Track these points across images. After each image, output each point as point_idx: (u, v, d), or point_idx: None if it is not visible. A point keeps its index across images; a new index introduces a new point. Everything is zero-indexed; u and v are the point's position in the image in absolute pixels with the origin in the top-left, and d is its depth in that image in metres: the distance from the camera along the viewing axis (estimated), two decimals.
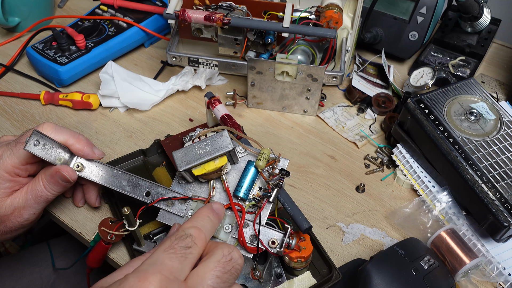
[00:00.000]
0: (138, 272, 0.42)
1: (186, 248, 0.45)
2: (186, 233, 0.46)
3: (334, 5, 0.81)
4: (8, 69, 0.93)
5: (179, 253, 0.44)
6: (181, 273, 0.44)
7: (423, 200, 0.72)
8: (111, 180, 0.63)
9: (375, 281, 0.57)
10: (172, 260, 0.44)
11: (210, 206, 0.52)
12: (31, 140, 0.58)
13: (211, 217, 0.51)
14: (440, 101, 0.73)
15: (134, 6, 0.96)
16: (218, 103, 0.72)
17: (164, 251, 0.44)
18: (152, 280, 0.41)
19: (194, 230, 0.47)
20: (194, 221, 0.49)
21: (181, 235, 0.46)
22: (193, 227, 0.47)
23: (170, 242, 0.45)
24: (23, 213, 0.62)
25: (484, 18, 0.91)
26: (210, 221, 0.50)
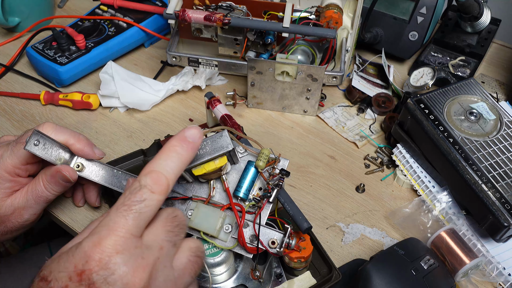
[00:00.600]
0: (92, 236, 0.41)
1: (139, 202, 0.42)
2: (141, 183, 0.43)
3: (334, 5, 0.81)
4: (8, 69, 0.93)
5: (132, 208, 0.42)
6: (136, 229, 0.42)
7: (423, 200, 0.72)
8: (111, 180, 0.63)
9: (375, 281, 0.57)
10: (125, 218, 0.42)
11: (182, 133, 0.46)
12: (31, 140, 0.58)
13: (178, 150, 0.46)
14: (440, 101, 0.73)
15: (134, 6, 0.96)
16: (218, 103, 0.72)
17: (117, 209, 0.42)
18: (106, 243, 0.40)
19: (150, 177, 0.44)
20: (154, 162, 0.45)
21: (135, 188, 0.43)
22: (149, 173, 0.44)
23: (123, 198, 0.43)
24: (23, 214, 0.62)
25: (484, 18, 0.91)
26: (176, 156, 0.45)
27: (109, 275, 0.40)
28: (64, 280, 0.40)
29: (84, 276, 0.40)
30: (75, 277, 0.40)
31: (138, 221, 0.42)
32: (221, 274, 0.58)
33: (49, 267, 0.42)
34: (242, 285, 0.60)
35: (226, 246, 0.57)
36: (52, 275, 0.41)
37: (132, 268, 0.41)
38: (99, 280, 0.40)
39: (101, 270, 0.40)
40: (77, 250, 0.41)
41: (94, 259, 0.40)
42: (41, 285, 0.41)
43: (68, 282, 0.40)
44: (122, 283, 0.40)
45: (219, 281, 0.58)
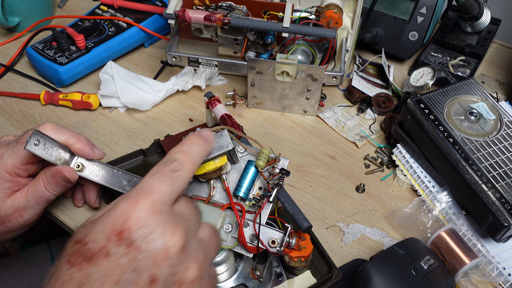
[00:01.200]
0: (129, 197, 0.42)
1: (173, 171, 0.44)
2: (172, 158, 0.46)
3: (334, 5, 0.81)
4: (8, 69, 0.93)
5: (167, 176, 0.44)
6: (171, 197, 0.43)
7: (423, 200, 0.72)
8: (112, 180, 0.63)
9: (375, 281, 0.57)
10: (160, 183, 0.43)
11: (198, 132, 0.51)
12: (31, 139, 0.58)
13: (199, 142, 0.50)
14: (440, 101, 0.73)
15: (134, 6, 0.96)
16: (217, 103, 0.72)
17: (152, 176, 0.44)
18: (143, 204, 0.41)
19: (180, 154, 0.46)
20: (181, 145, 0.48)
21: (167, 160, 0.45)
22: (179, 152, 0.47)
23: (157, 167, 0.45)
24: (23, 214, 0.62)
25: (484, 18, 0.91)
26: (198, 145, 0.49)
27: (148, 233, 0.40)
28: (102, 241, 0.40)
29: (123, 235, 0.40)
30: (114, 236, 0.40)
31: (172, 189, 0.44)
32: (221, 274, 0.58)
33: (83, 231, 0.42)
34: (243, 284, 0.60)
35: (226, 245, 0.57)
36: (88, 237, 0.41)
37: (170, 228, 0.41)
38: (139, 238, 0.40)
39: (140, 229, 0.40)
40: (113, 212, 0.41)
41: (132, 218, 0.40)
42: (76, 248, 0.41)
43: (106, 242, 0.40)
44: (162, 242, 0.41)
45: (219, 280, 0.58)
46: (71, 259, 0.40)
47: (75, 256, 0.40)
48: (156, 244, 0.40)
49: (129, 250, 0.40)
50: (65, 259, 0.40)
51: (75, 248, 0.41)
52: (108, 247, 0.40)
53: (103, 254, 0.39)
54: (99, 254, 0.39)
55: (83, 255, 0.40)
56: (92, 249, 0.40)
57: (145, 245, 0.40)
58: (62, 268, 0.40)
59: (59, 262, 0.41)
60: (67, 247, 0.42)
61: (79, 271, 0.39)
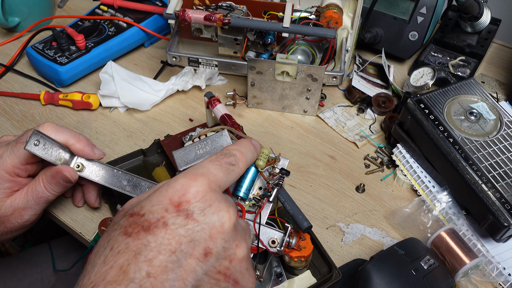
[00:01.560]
0: (187, 173, 0.44)
1: (230, 164, 0.47)
2: (231, 152, 0.49)
3: (334, 5, 0.81)
4: (8, 69, 0.93)
5: (224, 166, 0.46)
6: (223, 184, 0.46)
7: (423, 200, 0.72)
8: (112, 180, 0.63)
9: (375, 281, 0.57)
10: (217, 170, 0.46)
11: (250, 140, 0.54)
12: (31, 140, 0.58)
13: (252, 148, 0.53)
14: (440, 101, 0.73)
15: (134, 6, 0.96)
16: (217, 103, 0.72)
17: (211, 161, 0.46)
18: (201, 180, 0.43)
19: (238, 152, 0.49)
20: (238, 145, 0.51)
21: (226, 153, 0.48)
22: (237, 150, 0.50)
23: (216, 156, 0.48)
24: (23, 214, 0.62)
25: (484, 18, 0.91)
26: (251, 151, 0.52)
27: (206, 207, 0.42)
28: (160, 212, 0.41)
29: (182, 207, 0.41)
30: (172, 208, 0.41)
31: (226, 178, 0.46)
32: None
33: (138, 204, 0.42)
34: None
35: None
36: (145, 209, 0.41)
37: (225, 205, 0.43)
38: (197, 211, 0.41)
39: (199, 202, 0.42)
40: (171, 186, 0.42)
41: (190, 191, 0.42)
42: (132, 219, 0.41)
43: (164, 213, 0.41)
44: (218, 216, 0.42)
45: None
46: (127, 230, 0.40)
47: (132, 226, 0.40)
48: (213, 218, 0.42)
49: (187, 221, 0.41)
50: (120, 230, 0.41)
51: (131, 220, 0.41)
52: (166, 217, 0.40)
53: (160, 224, 0.40)
54: (156, 224, 0.40)
55: (140, 225, 0.40)
56: (150, 219, 0.40)
57: (202, 218, 0.41)
58: (117, 239, 0.40)
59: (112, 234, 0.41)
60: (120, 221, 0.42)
61: (135, 240, 0.39)
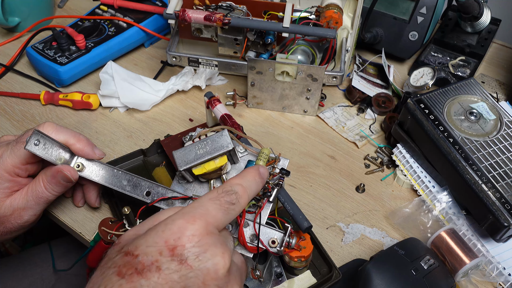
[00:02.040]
0: (185, 214, 0.43)
1: (230, 203, 0.46)
2: (232, 189, 0.48)
3: (334, 5, 0.81)
4: (8, 69, 0.93)
5: (224, 206, 0.46)
6: (221, 225, 0.45)
7: (423, 200, 0.72)
8: (112, 180, 0.63)
9: (375, 281, 0.57)
10: (216, 210, 0.45)
11: (258, 168, 0.53)
12: (31, 139, 0.58)
13: (257, 180, 0.51)
14: (440, 101, 0.73)
15: (134, 6, 0.96)
16: (217, 103, 0.72)
17: (210, 199, 0.46)
18: (198, 223, 0.42)
19: (240, 188, 0.48)
20: (242, 179, 0.50)
21: (228, 190, 0.47)
22: (240, 185, 0.48)
23: (217, 193, 0.47)
24: (23, 215, 0.62)
25: (484, 18, 0.91)
26: (256, 183, 0.51)
27: (201, 252, 0.41)
28: (154, 255, 0.40)
29: (176, 251, 0.41)
30: (167, 251, 0.41)
31: (225, 218, 0.46)
32: None
33: (133, 243, 0.42)
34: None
35: None
36: (139, 250, 0.41)
37: (221, 250, 0.43)
38: (191, 256, 0.41)
39: (194, 247, 0.41)
40: (168, 226, 0.42)
41: (186, 235, 0.41)
42: (127, 259, 0.41)
43: (158, 256, 0.40)
44: (213, 263, 0.42)
45: None
46: (121, 270, 0.40)
47: (126, 267, 0.40)
48: (207, 264, 0.41)
49: (181, 267, 0.40)
50: (114, 269, 0.40)
51: (125, 260, 0.41)
52: (160, 261, 0.40)
53: (154, 268, 0.40)
54: (150, 267, 0.40)
55: (133, 267, 0.40)
56: (143, 262, 0.40)
57: (196, 264, 0.41)
58: (111, 278, 0.40)
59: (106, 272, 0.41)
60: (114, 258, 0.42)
61: (129, 282, 0.39)
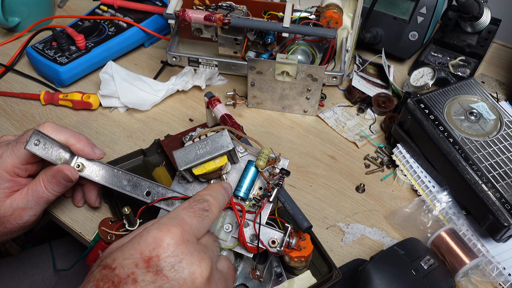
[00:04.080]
0: (160, 225, 0.43)
1: (204, 210, 0.47)
2: (203, 198, 0.49)
3: (334, 5, 0.81)
4: (8, 69, 0.93)
5: (198, 213, 0.46)
6: (198, 231, 0.46)
7: (423, 200, 0.72)
8: (112, 179, 0.63)
9: (375, 281, 0.57)
10: (191, 217, 0.46)
11: (221, 183, 0.54)
12: (31, 139, 0.58)
13: (223, 192, 0.53)
14: (440, 101, 0.73)
15: (134, 6, 0.96)
16: (217, 103, 0.72)
17: (184, 209, 0.46)
18: (174, 232, 0.42)
19: (210, 197, 0.49)
20: (209, 190, 0.51)
21: (199, 199, 0.48)
22: (209, 195, 0.50)
23: (189, 203, 0.48)
24: (23, 215, 0.61)
25: (484, 18, 0.91)
26: (222, 194, 0.52)
27: (176, 262, 0.41)
28: (130, 267, 0.41)
29: (152, 262, 0.41)
30: (142, 263, 0.41)
31: (200, 225, 0.46)
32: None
33: (111, 256, 0.42)
34: (243, 284, 0.60)
35: (226, 245, 0.57)
36: (116, 263, 0.41)
37: (198, 258, 0.43)
38: (167, 267, 0.41)
39: (169, 257, 0.41)
40: (143, 237, 0.42)
41: (162, 245, 0.41)
42: (104, 272, 0.41)
43: (134, 268, 0.41)
44: (189, 272, 0.42)
45: None
46: (98, 284, 0.41)
47: (103, 281, 0.41)
48: (183, 274, 0.41)
49: (156, 278, 0.40)
50: (93, 283, 0.41)
51: (103, 273, 0.41)
52: (136, 273, 0.40)
53: (130, 280, 0.40)
54: (126, 280, 0.40)
55: (110, 281, 0.40)
56: (120, 275, 0.40)
57: (172, 274, 0.41)
58: None
59: (86, 286, 0.41)
60: (94, 271, 0.42)
61: None
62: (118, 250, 0.43)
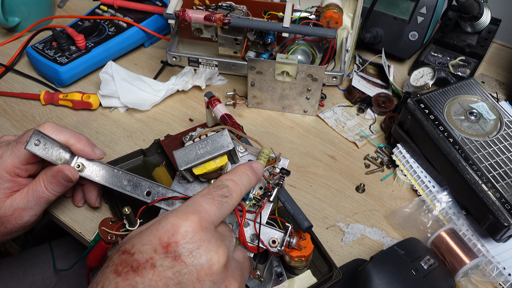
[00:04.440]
0: (178, 212, 0.44)
1: (223, 196, 0.47)
2: (223, 183, 0.48)
3: (334, 5, 0.81)
4: (8, 69, 0.93)
5: (216, 199, 0.46)
6: (217, 219, 0.46)
7: (423, 200, 0.72)
8: (112, 180, 0.63)
9: (375, 281, 0.57)
10: (209, 204, 0.46)
11: (250, 164, 0.54)
12: (32, 139, 0.58)
13: (249, 174, 0.52)
14: (440, 101, 0.73)
15: (134, 6, 0.96)
16: (217, 103, 0.72)
17: (203, 196, 0.46)
18: (192, 219, 0.43)
19: (231, 182, 0.49)
20: (232, 174, 0.51)
21: (219, 185, 0.48)
22: (230, 180, 0.49)
23: (208, 189, 0.47)
24: (23, 215, 0.62)
25: (484, 18, 0.91)
26: (247, 177, 0.52)
27: (194, 248, 0.42)
28: (149, 252, 0.41)
29: (170, 248, 0.41)
30: (161, 249, 0.41)
31: (219, 212, 0.46)
32: None
33: (130, 241, 0.43)
34: None
35: None
36: (135, 248, 0.42)
37: (215, 245, 0.43)
38: (185, 252, 0.41)
39: (187, 243, 0.42)
40: (162, 224, 0.43)
41: (180, 232, 0.42)
42: (123, 257, 0.42)
43: (153, 254, 0.41)
44: (207, 258, 0.42)
45: None
46: (117, 268, 0.41)
47: (122, 265, 0.41)
48: (201, 260, 0.42)
49: (175, 263, 0.41)
50: (111, 268, 0.41)
51: (122, 258, 0.42)
52: (154, 258, 0.41)
53: (149, 265, 0.41)
54: (145, 265, 0.41)
55: (129, 265, 0.41)
56: (139, 260, 0.41)
57: (190, 260, 0.41)
58: (108, 276, 0.41)
59: (105, 271, 0.42)
60: (113, 257, 0.43)
61: (124, 280, 0.40)
62: (137, 236, 0.43)
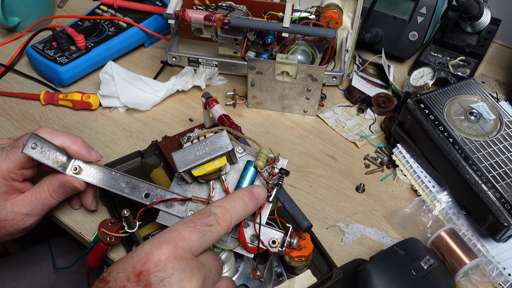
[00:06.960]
0: (154, 240, 0.44)
1: (206, 225, 0.46)
2: (211, 211, 0.47)
3: (334, 5, 0.81)
4: (8, 69, 0.93)
5: (198, 228, 0.45)
6: (196, 248, 0.45)
7: (423, 200, 0.72)
8: (110, 182, 0.63)
9: (375, 281, 0.57)
10: (190, 232, 0.45)
11: (251, 188, 0.52)
12: (28, 143, 0.58)
13: (246, 200, 0.51)
14: (440, 101, 0.73)
15: (134, 6, 0.96)
16: (215, 104, 0.71)
17: (184, 223, 0.46)
18: (165, 247, 0.43)
19: (220, 209, 0.48)
20: (225, 201, 0.50)
21: (205, 212, 0.47)
22: (220, 207, 0.48)
23: (193, 216, 0.47)
24: (26, 220, 0.62)
25: (484, 18, 0.91)
26: (243, 204, 0.50)
27: (166, 277, 0.42)
28: (122, 280, 0.42)
29: (142, 276, 0.41)
30: (133, 277, 0.42)
31: (200, 242, 0.45)
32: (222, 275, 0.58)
33: (108, 269, 0.44)
34: (243, 285, 0.60)
35: (226, 246, 0.57)
36: (110, 276, 0.43)
37: (188, 275, 0.43)
38: (156, 281, 0.41)
39: (159, 272, 0.42)
40: (137, 252, 0.43)
41: (152, 260, 0.42)
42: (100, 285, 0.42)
43: (125, 282, 0.42)
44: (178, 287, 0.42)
45: None
46: None
47: None
48: None
49: None
50: None
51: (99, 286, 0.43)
52: (127, 287, 0.41)
53: None
54: None
55: None
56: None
57: None
58: None
59: None
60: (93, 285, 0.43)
61: None
62: (114, 264, 0.44)
